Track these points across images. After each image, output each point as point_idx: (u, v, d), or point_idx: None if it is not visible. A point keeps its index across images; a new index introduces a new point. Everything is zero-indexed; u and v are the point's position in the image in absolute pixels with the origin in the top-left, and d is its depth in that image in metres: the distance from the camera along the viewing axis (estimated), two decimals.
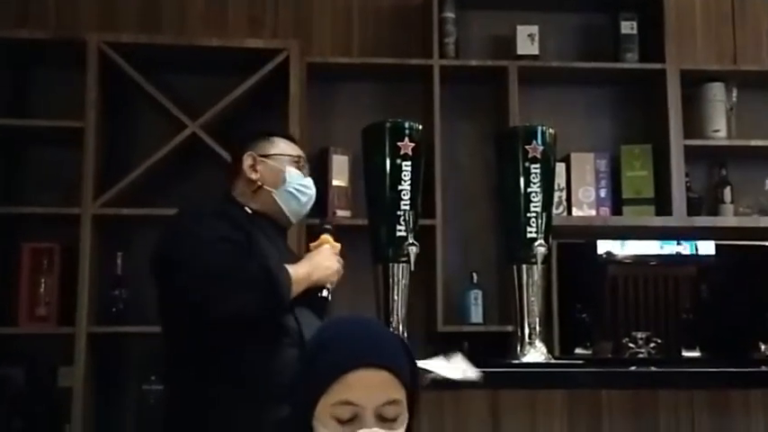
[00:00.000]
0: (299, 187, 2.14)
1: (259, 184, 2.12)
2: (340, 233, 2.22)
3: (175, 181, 3.38)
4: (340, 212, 3.40)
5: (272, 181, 2.13)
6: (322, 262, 2.05)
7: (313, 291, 2.04)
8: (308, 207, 2.20)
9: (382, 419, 1.27)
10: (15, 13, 3.49)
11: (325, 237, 2.14)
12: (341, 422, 1.26)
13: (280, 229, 2.18)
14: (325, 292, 2.05)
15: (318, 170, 3.42)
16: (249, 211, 2.11)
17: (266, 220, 2.13)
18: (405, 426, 1.30)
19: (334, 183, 3.42)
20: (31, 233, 3.30)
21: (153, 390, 3.17)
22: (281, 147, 2.18)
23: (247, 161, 2.14)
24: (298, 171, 2.15)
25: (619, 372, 2.28)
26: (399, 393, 1.29)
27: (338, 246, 2.15)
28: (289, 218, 2.17)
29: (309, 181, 2.18)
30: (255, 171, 2.13)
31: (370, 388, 1.26)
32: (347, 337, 1.31)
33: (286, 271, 1.95)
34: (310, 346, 1.34)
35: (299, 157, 2.18)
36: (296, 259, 2.08)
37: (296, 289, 1.96)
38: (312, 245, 2.14)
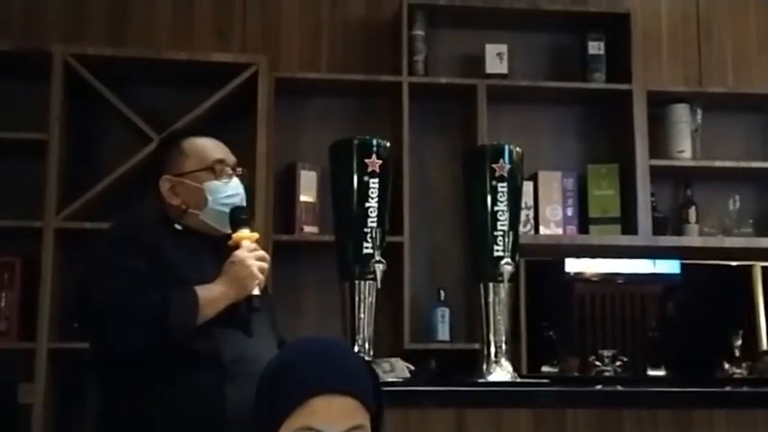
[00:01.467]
0: (224, 201, 2.04)
1: (184, 207, 2.04)
2: (307, 250, 2.20)
3: (140, 195, 3.32)
4: (307, 228, 3.38)
5: (195, 203, 2.04)
6: (238, 273, 1.94)
7: (242, 305, 1.96)
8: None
9: None
10: None
11: (240, 234, 2.01)
12: None
13: (215, 240, 2.07)
14: (255, 302, 1.95)
15: (286, 185, 3.42)
16: (179, 228, 2.04)
17: (199, 237, 2.05)
18: None
19: (302, 198, 3.40)
20: None
21: None
22: (195, 156, 2.05)
23: (165, 186, 2.05)
24: (217, 182, 2.04)
25: (584, 391, 2.28)
26: (363, 418, 1.27)
27: (255, 236, 2.03)
28: (221, 232, 2.07)
29: (233, 186, 2.06)
30: (176, 194, 2.05)
31: (333, 414, 1.25)
32: (310, 360, 1.29)
33: (194, 296, 1.87)
34: (273, 368, 1.32)
35: (214, 162, 2.05)
36: None
37: (210, 311, 1.89)
38: (229, 244, 2.01)
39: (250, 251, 1.98)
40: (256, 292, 1.96)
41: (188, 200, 2.04)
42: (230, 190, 2.06)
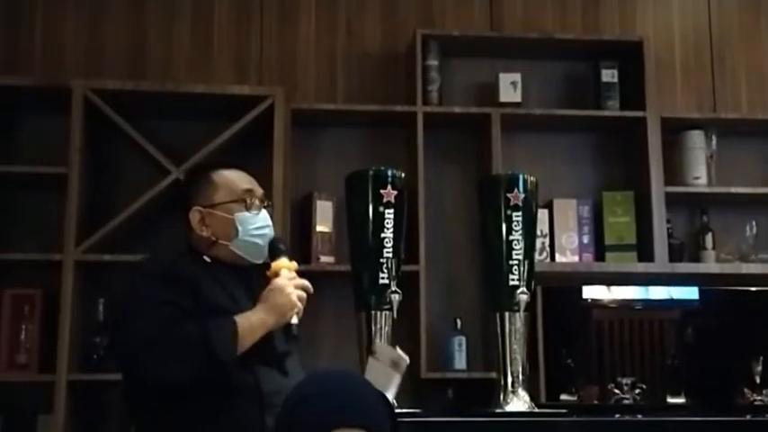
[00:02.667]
0: (253, 232, 2.06)
1: (213, 239, 2.07)
2: (323, 280, 2.21)
3: (159, 227, 3.37)
4: (323, 258, 3.39)
5: (225, 234, 2.06)
6: (277, 301, 1.96)
7: (279, 335, 1.99)
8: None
9: None
10: (2, 59, 3.50)
11: (279, 263, 2.04)
12: None
13: (241, 270, 2.10)
14: (294, 330, 1.98)
15: (302, 216, 3.44)
16: (208, 260, 2.06)
17: (227, 266, 2.07)
18: None
19: (318, 228, 3.42)
20: (13, 279, 3.27)
21: None
22: (225, 188, 2.08)
23: (195, 218, 2.07)
24: (248, 213, 2.07)
25: (602, 421, 2.27)
26: None
27: (294, 266, 2.06)
28: (251, 262, 2.11)
29: (262, 218, 2.09)
30: (206, 225, 2.07)
31: None
32: (328, 394, 1.30)
33: (233, 326, 1.88)
34: (290, 403, 1.33)
35: (244, 192, 2.08)
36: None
37: (249, 340, 1.91)
38: (267, 273, 2.04)
39: (289, 279, 2.01)
40: (295, 320, 1.98)
41: (218, 231, 2.06)
42: (260, 221, 2.08)
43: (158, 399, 1.90)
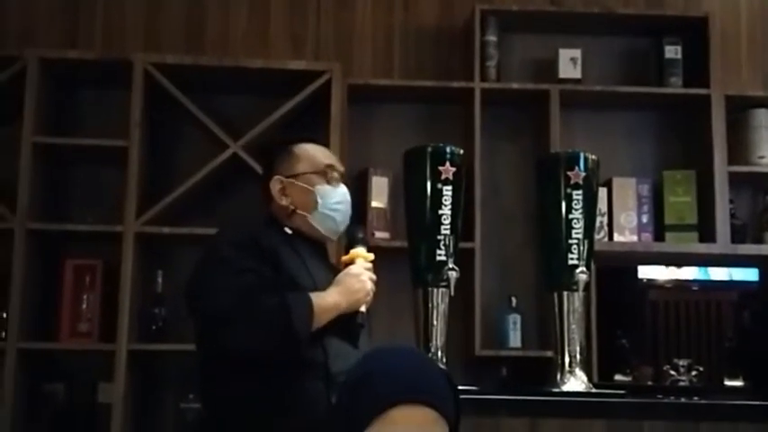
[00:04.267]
0: (333, 206, 2.11)
1: (292, 208, 2.11)
2: (378, 256, 2.22)
3: (216, 201, 3.41)
4: (379, 234, 3.40)
5: (305, 205, 2.10)
6: (352, 286, 2.00)
7: (347, 316, 2.01)
8: (346, 222, 2.18)
9: None
10: (64, 33, 3.56)
11: (356, 251, 2.09)
12: None
13: (319, 245, 2.17)
14: (359, 318, 2.01)
15: (358, 191, 3.44)
16: (289, 232, 2.10)
17: (305, 239, 2.12)
18: None
19: (374, 204, 3.43)
20: (75, 250, 3.35)
21: (191, 408, 3.18)
22: (307, 160, 2.13)
23: (276, 186, 2.12)
24: (329, 186, 2.11)
25: (660, 402, 2.24)
26: (442, 429, 1.27)
27: (370, 256, 2.11)
28: (328, 237, 2.16)
29: (342, 192, 2.14)
30: (286, 195, 2.11)
31: (413, 425, 1.25)
32: (390, 371, 1.29)
33: (309, 303, 1.91)
34: (352, 379, 1.33)
35: (326, 167, 2.13)
36: (334, 276, 2.06)
37: (322, 319, 1.93)
38: (343, 259, 2.10)
39: (366, 269, 2.05)
40: (363, 308, 2.02)
41: (297, 201, 2.10)
42: (339, 196, 2.13)
43: (230, 371, 1.93)
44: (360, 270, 2.04)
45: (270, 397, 1.90)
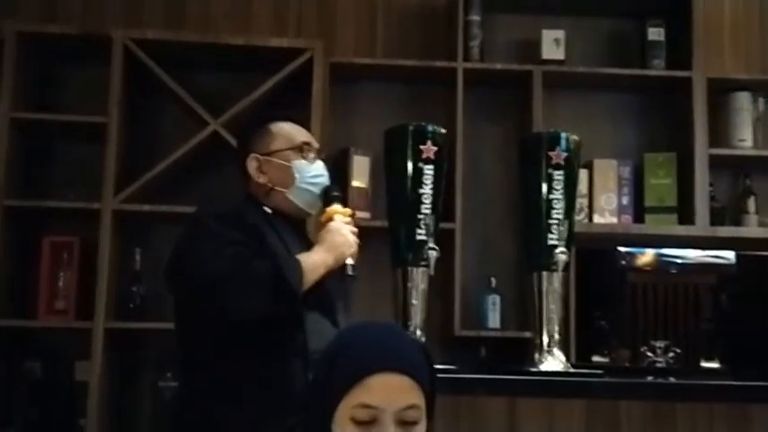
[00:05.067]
0: (310, 180, 2.12)
1: (270, 186, 2.11)
2: (359, 236, 2.21)
3: (196, 178, 3.39)
4: (359, 214, 3.37)
5: (282, 181, 2.11)
6: (335, 241, 2.03)
7: (335, 274, 2.03)
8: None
9: (401, 424, 1.27)
10: (43, 8, 3.51)
11: (333, 208, 2.11)
12: (359, 424, 1.26)
13: (296, 223, 2.17)
14: (350, 270, 2.04)
15: (339, 171, 3.42)
16: (269, 211, 2.10)
17: (284, 218, 2.12)
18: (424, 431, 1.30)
19: (354, 183, 3.42)
20: (52, 227, 3.32)
21: (168, 386, 3.18)
22: (283, 137, 2.13)
23: (252, 165, 2.12)
24: (305, 161, 2.12)
25: (638, 383, 2.25)
26: (419, 399, 1.29)
27: (348, 211, 2.13)
28: (307, 212, 2.17)
29: (318, 166, 2.15)
30: (263, 173, 2.11)
31: (390, 392, 1.27)
32: (368, 341, 1.31)
33: (297, 263, 1.93)
34: (329, 352, 1.34)
35: (302, 143, 2.13)
36: None
37: (312, 278, 1.96)
38: (321, 219, 2.11)
39: (345, 223, 2.08)
40: (350, 261, 2.05)
41: (275, 178, 2.11)
42: (316, 170, 2.14)
43: (209, 349, 1.93)
44: (340, 225, 2.07)
45: (248, 374, 1.91)
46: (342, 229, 2.06)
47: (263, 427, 1.85)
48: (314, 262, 1.97)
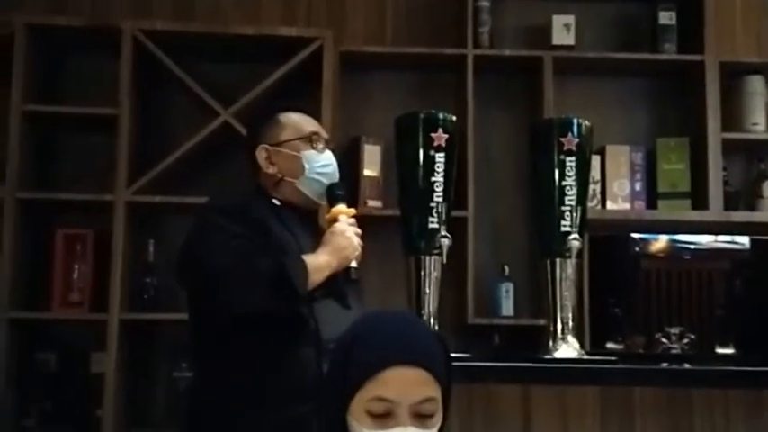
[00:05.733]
0: (319, 170, 2.11)
1: (279, 176, 2.10)
2: (371, 224, 2.21)
3: (208, 169, 3.39)
4: (371, 203, 3.39)
5: (292, 171, 2.10)
6: (339, 243, 2.02)
7: (340, 275, 2.03)
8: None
9: (418, 417, 1.26)
10: (52, 0, 3.51)
11: (338, 208, 2.10)
12: (375, 417, 1.26)
13: (308, 213, 2.17)
14: (352, 273, 2.03)
15: (350, 160, 3.42)
16: (277, 203, 2.10)
17: (293, 209, 2.11)
18: (439, 424, 1.29)
19: (366, 173, 3.41)
20: (66, 219, 3.33)
21: (183, 376, 3.20)
22: (292, 127, 2.13)
23: (262, 155, 2.11)
24: (314, 151, 2.11)
25: (652, 369, 2.25)
26: (435, 391, 1.28)
27: (352, 212, 2.12)
28: (314, 202, 2.16)
29: (327, 156, 2.14)
30: (272, 164, 2.11)
31: (406, 385, 1.26)
32: (383, 333, 1.30)
33: (303, 263, 1.93)
34: (345, 341, 1.33)
35: (311, 133, 2.13)
36: None
37: (316, 279, 1.95)
38: (326, 218, 2.11)
39: (349, 225, 2.07)
40: (354, 264, 2.04)
41: (284, 168, 2.10)
42: (325, 160, 2.13)
43: (223, 339, 1.94)
44: (344, 227, 2.06)
45: (261, 363, 1.91)
46: (346, 232, 2.05)
47: (274, 414, 1.87)
48: (319, 263, 1.97)
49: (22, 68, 3.17)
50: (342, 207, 2.11)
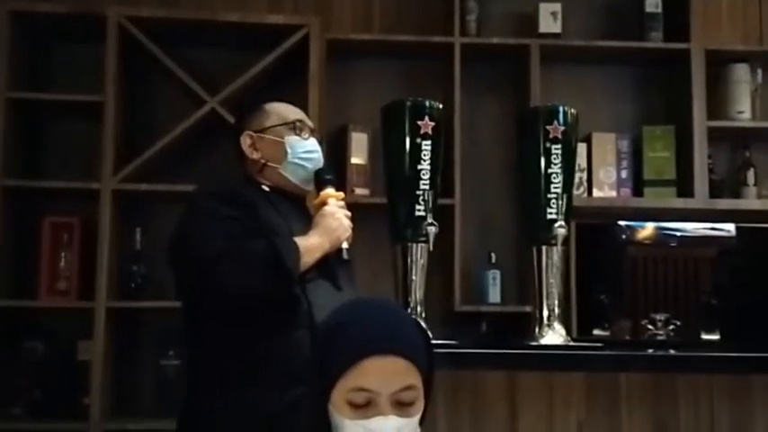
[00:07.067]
0: (302, 155, 2.13)
1: (263, 162, 2.12)
2: (358, 212, 2.21)
3: (194, 157, 3.38)
4: (359, 191, 3.39)
5: (275, 156, 2.12)
6: (330, 225, 2.04)
7: (331, 256, 2.05)
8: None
9: (398, 405, 1.27)
10: None
11: (326, 192, 2.12)
12: (355, 407, 1.26)
13: (296, 199, 2.18)
14: (345, 254, 2.06)
15: (337, 148, 3.42)
16: (267, 189, 2.11)
17: (282, 194, 2.13)
18: (421, 410, 1.30)
19: (353, 160, 3.41)
20: (52, 207, 3.31)
21: (171, 364, 3.20)
22: (276, 115, 2.16)
23: (246, 141, 2.14)
24: (297, 137, 2.13)
25: (638, 355, 2.26)
26: (415, 379, 1.29)
27: (341, 195, 2.14)
28: (301, 188, 2.17)
29: (312, 143, 2.16)
30: (256, 149, 2.14)
31: (385, 375, 1.26)
32: (361, 322, 1.31)
33: (294, 244, 1.95)
34: (326, 330, 1.34)
35: (295, 121, 2.15)
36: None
37: (308, 260, 1.97)
38: (315, 202, 2.13)
39: (338, 207, 2.09)
40: (345, 245, 2.07)
41: (268, 154, 2.13)
42: (309, 146, 2.15)
43: (215, 323, 1.94)
44: (334, 209, 2.08)
45: (255, 346, 1.92)
46: (336, 213, 2.08)
47: (267, 398, 1.87)
48: (311, 244, 1.99)
49: (6, 56, 3.15)
50: (330, 191, 2.13)
